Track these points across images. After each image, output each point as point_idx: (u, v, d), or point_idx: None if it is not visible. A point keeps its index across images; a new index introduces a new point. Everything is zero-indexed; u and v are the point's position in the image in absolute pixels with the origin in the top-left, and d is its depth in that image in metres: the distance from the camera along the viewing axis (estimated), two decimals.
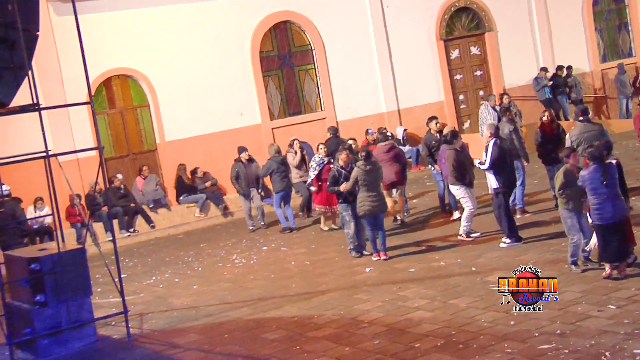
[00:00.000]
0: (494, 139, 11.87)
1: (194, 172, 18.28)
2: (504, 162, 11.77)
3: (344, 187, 12.39)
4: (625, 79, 22.79)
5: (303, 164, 16.64)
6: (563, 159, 10.15)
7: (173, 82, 18.59)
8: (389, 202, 13.66)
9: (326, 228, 14.90)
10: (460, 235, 12.51)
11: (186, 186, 18.14)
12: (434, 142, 14.42)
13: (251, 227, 16.24)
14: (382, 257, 12.14)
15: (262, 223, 16.31)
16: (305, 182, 15.82)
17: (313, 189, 14.81)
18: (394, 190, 14.25)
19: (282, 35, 20.11)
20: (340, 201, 12.67)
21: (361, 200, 12.09)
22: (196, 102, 18.80)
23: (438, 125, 14.81)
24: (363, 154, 12.42)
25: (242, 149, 16.36)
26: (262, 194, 18.14)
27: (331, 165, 13.39)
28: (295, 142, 16.89)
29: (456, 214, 13.82)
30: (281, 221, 15.71)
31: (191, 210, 18.05)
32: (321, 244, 14.13)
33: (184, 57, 18.72)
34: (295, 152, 16.65)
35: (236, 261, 13.87)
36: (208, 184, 18.18)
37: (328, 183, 12.80)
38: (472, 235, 12.47)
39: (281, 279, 12.13)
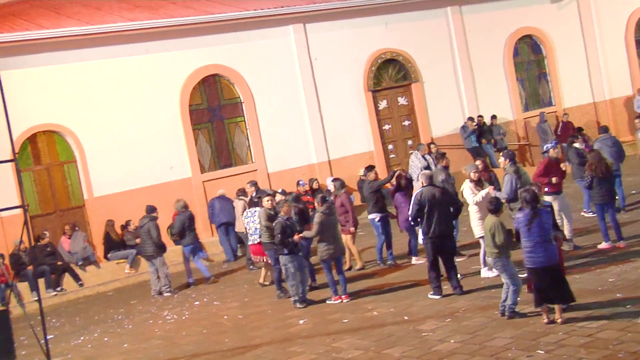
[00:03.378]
0: (418, 190, 11.91)
1: (125, 226, 17.96)
2: (430, 211, 11.61)
3: (309, 233, 12.56)
4: (547, 127, 23.52)
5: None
6: (491, 209, 10.14)
7: (101, 136, 18.38)
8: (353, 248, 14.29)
9: (267, 283, 14.57)
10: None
11: (115, 242, 17.81)
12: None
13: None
14: (345, 300, 12.30)
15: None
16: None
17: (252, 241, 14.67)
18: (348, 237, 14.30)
19: (211, 89, 20.15)
20: (285, 253, 12.46)
21: (325, 245, 12.37)
22: (125, 157, 18.59)
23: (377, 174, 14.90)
24: (319, 199, 12.71)
25: (151, 209, 15.99)
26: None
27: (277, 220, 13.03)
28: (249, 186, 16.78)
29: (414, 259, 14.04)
30: (203, 272, 15.95)
31: (121, 266, 17.70)
32: (254, 297, 14.00)
33: (112, 112, 18.57)
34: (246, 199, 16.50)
35: (168, 317, 13.61)
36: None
37: (279, 236, 12.39)
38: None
39: (214, 334, 11.94)
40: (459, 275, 11.79)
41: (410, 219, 11.98)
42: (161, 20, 19.17)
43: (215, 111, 20.20)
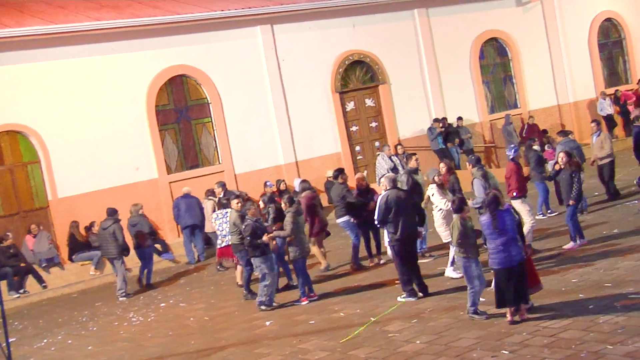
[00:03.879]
0: (383, 193, 11.91)
1: (88, 227, 17.78)
2: (397, 214, 11.59)
3: (283, 233, 12.53)
4: (512, 130, 23.78)
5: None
6: (455, 210, 10.21)
7: (65, 137, 18.18)
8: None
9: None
10: None
11: (80, 243, 17.61)
12: (346, 192, 14.36)
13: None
14: (314, 298, 12.47)
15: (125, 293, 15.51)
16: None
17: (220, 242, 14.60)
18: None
19: (178, 89, 20.04)
20: (257, 255, 12.36)
21: (300, 244, 12.48)
22: (90, 157, 18.42)
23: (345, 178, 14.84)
24: (286, 199, 12.75)
25: (113, 211, 15.83)
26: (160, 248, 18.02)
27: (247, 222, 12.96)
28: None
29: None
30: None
31: (86, 268, 17.51)
32: (221, 299, 13.94)
33: (77, 112, 18.38)
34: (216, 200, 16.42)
35: (133, 319, 13.50)
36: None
37: (249, 238, 12.31)
38: None
39: (180, 335, 11.87)
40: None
41: (376, 222, 11.99)
42: (127, 20, 19.01)
43: (182, 112, 20.09)
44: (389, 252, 12.36)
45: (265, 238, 12.35)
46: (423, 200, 13.50)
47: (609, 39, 27.58)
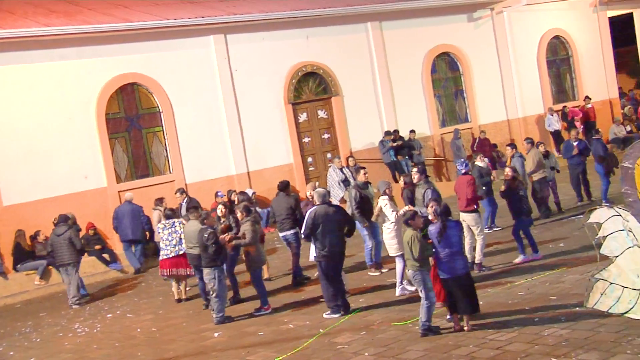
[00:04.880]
0: (312, 208, 11.90)
1: (34, 236, 17.43)
2: (324, 230, 11.51)
3: (244, 241, 12.36)
4: (460, 144, 24.06)
5: None
6: (408, 222, 10.24)
7: (12, 144, 17.83)
8: None
9: (184, 297, 14.30)
10: None
11: (25, 253, 17.25)
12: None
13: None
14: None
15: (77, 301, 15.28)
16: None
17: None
18: None
19: (129, 97, 19.83)
20: (217, 264, 12.12)
21: (259, 253, 12.50)
22: (37, 165, 18.08)
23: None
24: (242, 209, 12.66)
25: (66, 217, 15.55)
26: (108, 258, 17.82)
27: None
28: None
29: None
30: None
31: (31, 277, 17.14)
32: (169, 310, 13.79)
33: (25, 119, 18.04)
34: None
35: (78, 330, 13.26)
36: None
37: (215, 245, 12.07)
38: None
39: (127, 347, 11.70)
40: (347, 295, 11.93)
41: (303, 236, 12.03)
42: (78, 27, 18.72)
43: (133, 120, 19.88)
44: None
45: (242, 242, 12.30)
46: (373, 215, 13.58)
47: (557, 56, 28.13)
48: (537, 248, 13.38)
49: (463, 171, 13.56)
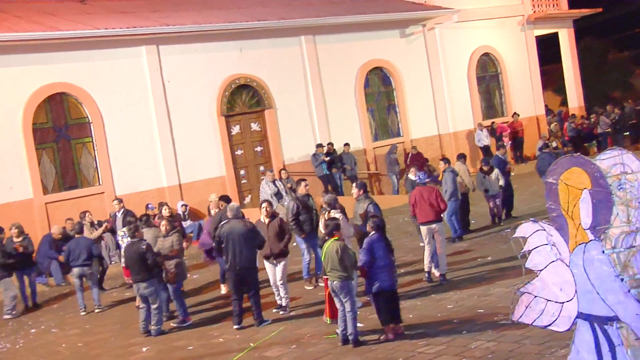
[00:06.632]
0: (220, 224, 11.90)
1: None
2: (232, 245, 11.46)
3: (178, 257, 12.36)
4: (394, 158, 24.31)
5: None
6: (333, 233, 10.26)
7: None
8: None
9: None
10: None
11: None
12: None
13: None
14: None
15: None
16: None
17: None
18: None
19: (57, 107, 19.43)
20: (154, 277, 11.97)
21: (183, 266, 12.55)
22: None
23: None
24: (167, 223, 12.70)
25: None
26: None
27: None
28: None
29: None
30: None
31: None
32: (96, 324, 13.49)
33: None
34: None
35: None
36: None
37: (153, 257, 11.95)
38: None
39: None
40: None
41: (214, 252, 12.08)
42: (3, 34, 18.28)
43: (61, 131, 19.47)
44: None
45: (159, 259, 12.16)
46: (312, 227, 13.51)
47: (487, 72, 28.76)
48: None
49: (425, 181, 13.77)
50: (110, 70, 20.06)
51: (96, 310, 14.27)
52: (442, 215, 13.43)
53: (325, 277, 10.31)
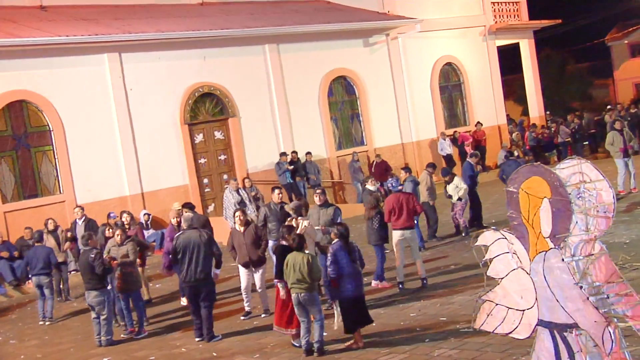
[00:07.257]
0: (177, 234, 11.83)
1: None
2: (189, 257, 11.29)
3: (129, 260, 12.28)
4: (358, 167, 24.39)
5: None
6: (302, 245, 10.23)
7: None
8: None
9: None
10: None
11: None
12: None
13: None
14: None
15: None
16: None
17: None
18: None
19: (17, 115, 19.15)
20: (104, 286, 11.88)
21: (138, 274, 12.72)
22: None
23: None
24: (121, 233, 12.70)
25: None
26: None
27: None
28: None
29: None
30: None
31: None
32: (56, 335, 13.29)
33: None
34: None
35: None
36: None
37: (103, 267, 11.78)
38: None
39: None
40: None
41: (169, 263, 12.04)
42: None
43: (20, 139, 19.19)
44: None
45: (114, 265, 12.07)
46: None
47: (449, 82, 29.03)
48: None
49: (398, 188, 13.86)
50: (71, 77, 19.84)
51: (47, 323, 14.05)
52: (415, 221, 13.58)
53: (278, 282, 10.26)
